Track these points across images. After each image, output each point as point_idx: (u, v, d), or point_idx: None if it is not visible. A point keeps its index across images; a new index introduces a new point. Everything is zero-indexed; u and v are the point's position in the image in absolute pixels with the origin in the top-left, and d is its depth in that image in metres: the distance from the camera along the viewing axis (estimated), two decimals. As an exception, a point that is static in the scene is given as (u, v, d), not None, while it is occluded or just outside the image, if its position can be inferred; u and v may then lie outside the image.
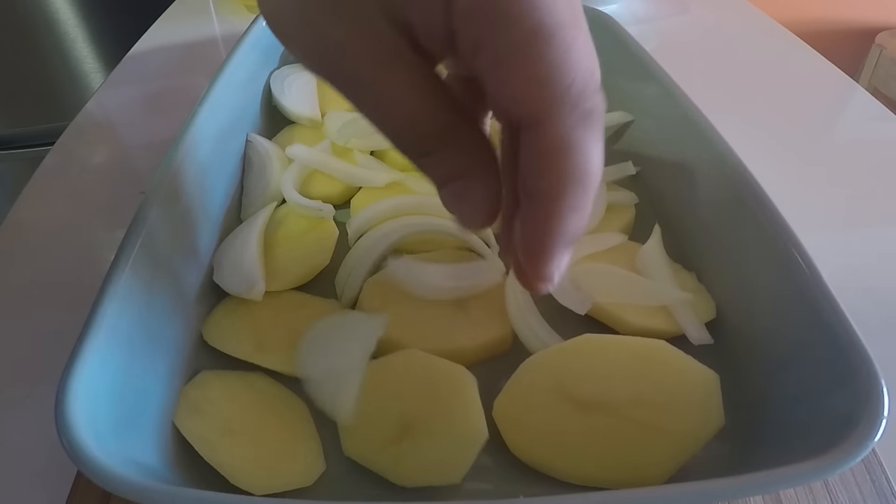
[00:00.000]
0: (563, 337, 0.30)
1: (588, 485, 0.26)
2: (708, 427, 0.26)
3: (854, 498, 0.27)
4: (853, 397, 0.22)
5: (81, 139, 0.52)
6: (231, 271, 0.33)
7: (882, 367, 0.22)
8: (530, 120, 0.18)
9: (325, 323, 0.29)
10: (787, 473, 0.20)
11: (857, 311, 0.25)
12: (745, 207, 0.31)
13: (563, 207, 0.18)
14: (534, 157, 0.18)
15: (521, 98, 0.18)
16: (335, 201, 0.39)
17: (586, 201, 0.19)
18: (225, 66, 0.40)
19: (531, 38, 0.17)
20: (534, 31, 0.17)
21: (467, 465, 0.25)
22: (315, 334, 0.28)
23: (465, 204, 0.21)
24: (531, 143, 0.18)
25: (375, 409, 0.27)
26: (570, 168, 0.18)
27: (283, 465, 0.26)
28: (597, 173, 0.19)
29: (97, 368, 0.23)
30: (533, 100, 0.17)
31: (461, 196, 0.20)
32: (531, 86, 0.17)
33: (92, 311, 0.24)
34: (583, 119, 0.18)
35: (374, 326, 0.28)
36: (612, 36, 0.45)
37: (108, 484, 0.19)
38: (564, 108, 0.18)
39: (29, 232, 0.43)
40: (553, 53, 0.17)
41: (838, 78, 0.59)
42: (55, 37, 0.91)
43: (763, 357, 0.28)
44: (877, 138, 0.51)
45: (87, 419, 0.21)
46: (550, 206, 0.19)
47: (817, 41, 0.67)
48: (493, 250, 0.35)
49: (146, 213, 0.28)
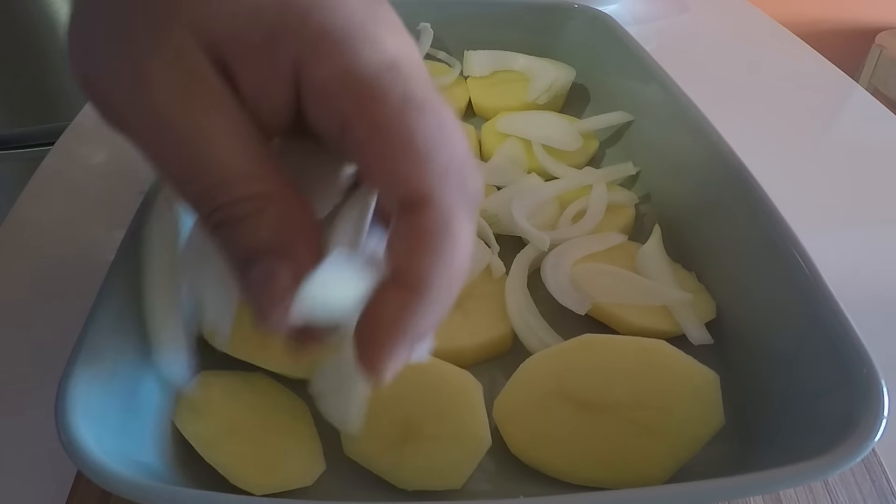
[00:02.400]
0: (563, 337, 0.30)
1: (588, 485, 0.26)
2: (708, 427, 0.26)
3: (854, 498, 0.27)
4: (853, 397, 0.22)
5: (81, 139, 0.52)
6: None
7: (882, 367, 0.22)
8: (409, 197, 0.16)
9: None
10: (787, 473, 0.20)
11: (857, 311, 0.25)
12: (745, 207, 0.31)
13: (430, 298, 0.16)
14: (409, 237, 0.16)
15: (400, 174, 0.16)
16: (335, 201, 0.39)
17: (452, 296, 0.17)
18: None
19: (404, 110, 0.16)
20: (405, 101, 0.16)
21: (469, 470, 0.25)
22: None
23: (268, 292, 0.17)
24: (407, 220, 0.16)
25: (379, 410, 0.27)
26: (446, 255, 0.16)
27: (283, 464, 0.26)
28: (467, 267, 0.17)
29: (97, 369, 0.23)
30: (413, 176, 0.16)
31: (265, 281, 0.17)
32: (410, 160, 0.16)
33: (92, 310, 0.24)
34: (464, 200, 0.16)
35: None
36: (612, 36, 0.44)
37: (108, 484, 0.19)
38: (446, 186, 0.16)
39: (29, 232, 0.43)
40: (427, 125, 0.16)
41: (838, 78, 0.59)
42: (55, 37, 0.91)
43: (763, 357, 0.28)
44: (877, 138, 0.51)
45: (87, 419, 0.21)
46: (416, 292, 0.16)
47: (817, 41, 0.67)
48: (492, 250, 0.35)
49: (146, 213, 0.28)
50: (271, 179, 0.17)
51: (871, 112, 0.54)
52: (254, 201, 0.17)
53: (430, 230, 0.16)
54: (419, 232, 0.16)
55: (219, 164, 0.16)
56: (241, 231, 0.17)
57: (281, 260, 0.17)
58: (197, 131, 0.16)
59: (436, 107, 0.16)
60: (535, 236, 0.35)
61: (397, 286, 0.16)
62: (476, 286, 0.33)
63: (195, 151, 0.16)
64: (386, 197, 0.17)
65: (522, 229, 0.36)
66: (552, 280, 0.33)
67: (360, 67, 0.16)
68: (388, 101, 0.16)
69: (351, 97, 0.16)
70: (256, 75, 0.16)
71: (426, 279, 0.16)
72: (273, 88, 0.17)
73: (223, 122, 0.16)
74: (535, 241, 0.35)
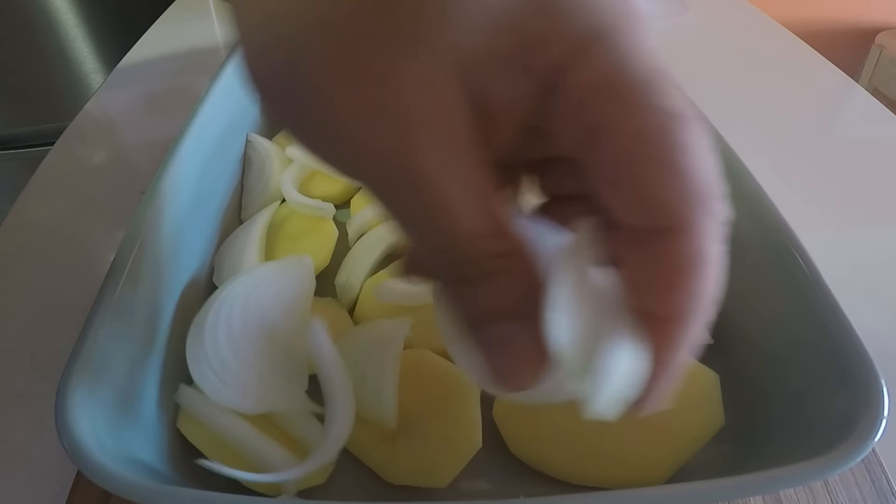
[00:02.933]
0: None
1: (588, 485, 0.26)
2: (708, 427, 0.26)
3: (854, 498, 0.27)
4: (853, 397, 0.22)
5: (81, 139, 0.52)
6: (231, 273, 0.33)
7: (882, 367, 0.22)
8: (662, 221, 0.14)
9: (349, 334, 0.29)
10: (787, 473, 0.20)
11: (857, 311, 0.25)
12: (744, 207, 0.31)
13: (691, 330, 0.15)
14: (662, 270, 0.15)
15: (656, 196, 0.14)
16: (335, 201, 0.39)
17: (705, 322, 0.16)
18: (225, 65, 0.40)
19: (671, 125, 0.14)
20: (672, 115, 0.14)
21: (456, 470, 0.26)
22: (341, 346, 0.28)
23: (508, 355, 0.16)
24: (656, 247, 0.15)
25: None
26: (703, 286, 0.15)
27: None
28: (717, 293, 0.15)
29: (97, 369, 0.23)
30: (672, 200, 0.14)
31: (504, 344, 0.16)
32: (669, 181, 0.14)
33: (92, 311, 0.24)
34: (715, 224, 0.15)
35: (398, 329, 0.28)
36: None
37: (108, 484, 0.19)
38: (701, 211, 0.14)
39: (29, 232, 0.43)
40: (690, 142, 0.14)
41: (838, 78, 0.59)
42: (55, 37, 0.91)
43: (763, 357, 0.28)
44: (877, 138, 0.51)
45: (87, 419, 0.21)
46: (678, 327, 0.15)
47: (817, 41, 0.67)
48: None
49: (146, 213, 0.28)
50: (511, 236, 0.16)
51: (871, 112, 0.54)
52: (496, 261, 0.15)
53: (687, 263, 0.14)
54: (674, 265, 0.15)
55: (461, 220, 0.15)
56: (481, 291, 0.16)
57: (519, 324, 0.16)
58: (438, 183, 0.14)
59: (694, 121, 0.14)
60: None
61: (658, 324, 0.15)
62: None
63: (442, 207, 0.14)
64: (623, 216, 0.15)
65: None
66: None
67: (627, 73, 0.14)
68: (654, 112, 0.14)
69: (613, 105, 0.14)
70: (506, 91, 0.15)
71: (687, 313, 0.15)
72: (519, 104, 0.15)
73: (466, 172, 0.15)
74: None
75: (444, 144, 0.14)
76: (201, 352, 0.27)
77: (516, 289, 0.16)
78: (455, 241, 0.15)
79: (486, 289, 0.16)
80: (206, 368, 0.27)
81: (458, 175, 0.14)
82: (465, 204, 0.15)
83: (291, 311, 0.30)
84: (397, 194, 0.15)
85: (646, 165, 0.14)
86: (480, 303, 0.16)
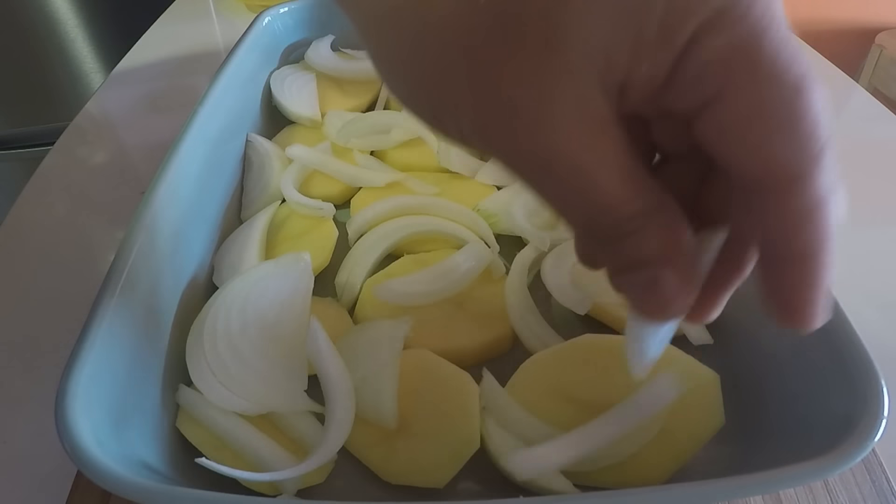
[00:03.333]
0: (563, 337, 0.30)
1: (588, 485, 0.26)
2: (708, 427, 0.26)
3: (854, 498, 0.27)
4: (853, 397, 0.22)
5: (81, 139, 0.52)
6: (231, 273, 0.33)
7: (882, 367, 0.22)
8: (783, 180, 0.16)
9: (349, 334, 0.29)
10: (787, 473, 0.20)
11: (857, 311, 0.25)
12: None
13: (823, 264, 0.17)
14: (788, 218, 0.16)
15: (776, 158, 0.16)
16: (335, 201, 0.39)
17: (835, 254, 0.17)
18: (225, 66, 0.40)
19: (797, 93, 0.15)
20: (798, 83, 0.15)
21: (453, 471, 0.25)
22: (341, 346, 0.28)
23: (656, 295, 0.18)
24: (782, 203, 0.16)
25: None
26: (825, 226, 0.16)
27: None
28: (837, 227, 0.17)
29: (97, 369, 0.23)
30: (793, 160, 0.16)
31: (650, 287, 0.18)
32: (793, 145, 0.15)
33: (92, 311, 0.24)
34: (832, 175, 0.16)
35: (398, 328, 0.28)
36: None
37: (108, 484, 0.19)
38: (819, 167, 0.16)
39: (29, 232, 0.43)
40: (815, 109, 0.15)
41: (838, 78, 0.59)
42: (55, 37, 0.91)
43: (763, 357, 0.28)
44: (876, 138, 0.51)
45: (87, 419, 0.21)
46: (811, 264, 0.17)
47: (817, 41, 0.67)
48: (492, 250, 0.35)
49: (146, 213, 0.28)
50: (651, 193, 0.17)
51: (871, 112, 0.54)
52: (636, 220, 0.17)
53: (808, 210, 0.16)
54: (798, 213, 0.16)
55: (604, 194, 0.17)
56: (625, 246, 0.18)
57: (658, 267, 0.18)
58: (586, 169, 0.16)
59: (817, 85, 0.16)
60: (535, 236, 0.35)
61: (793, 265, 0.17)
62: (476, 286, 0.33)
63: (583, 186, 0.17)
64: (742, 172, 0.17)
65: (522, 229, 0.36)
66: (552, 280, 0.33)
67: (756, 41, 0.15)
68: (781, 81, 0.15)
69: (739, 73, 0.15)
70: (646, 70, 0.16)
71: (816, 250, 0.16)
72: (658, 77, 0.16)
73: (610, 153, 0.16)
74: (535, 241, 0.35)
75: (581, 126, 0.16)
76: (201, 354, 0.27)
77: (657, 239, 0.17)
78: (596, 214, 0.17)
79: (629, 243, 0.17)
80: (205, 371, 0.27)
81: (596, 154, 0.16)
82: (608, 177, 0.16)
83: (291, 309, 0.30)
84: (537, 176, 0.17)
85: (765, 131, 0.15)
86: (623, 256, 0.18)
